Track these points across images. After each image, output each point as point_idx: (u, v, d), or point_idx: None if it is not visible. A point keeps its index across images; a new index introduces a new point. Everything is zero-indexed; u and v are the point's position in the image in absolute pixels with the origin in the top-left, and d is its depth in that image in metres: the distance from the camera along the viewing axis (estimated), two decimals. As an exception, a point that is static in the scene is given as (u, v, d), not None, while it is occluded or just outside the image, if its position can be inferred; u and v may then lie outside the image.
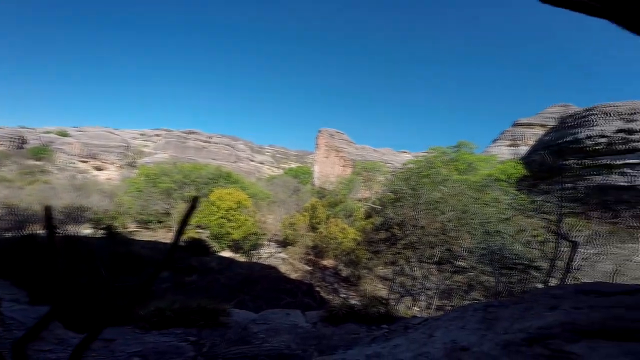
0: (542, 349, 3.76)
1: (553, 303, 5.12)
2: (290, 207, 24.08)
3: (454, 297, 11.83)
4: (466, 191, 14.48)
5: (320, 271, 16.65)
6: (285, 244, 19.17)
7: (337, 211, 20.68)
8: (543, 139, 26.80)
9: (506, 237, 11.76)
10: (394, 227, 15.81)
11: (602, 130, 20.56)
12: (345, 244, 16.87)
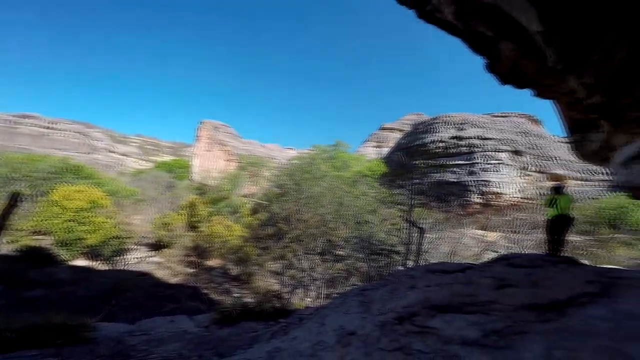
0: (410, 326, 4.18)
1: (412, 283, 6.07)
2: (163, 206, 21.72)
3: (338, 285, 12.86)
4: (341, 186, 15.99)
5: (206, 272, 15.68)
6: (158, 246, 17.20)
7: (221, 208, 19.77)
8: (400, 142, 31.99)
9: (373, 226, 13.58)
10: (280, 222, 16.17)
11: (441, 136, 25.90)
12: (232, 241, 16.31)
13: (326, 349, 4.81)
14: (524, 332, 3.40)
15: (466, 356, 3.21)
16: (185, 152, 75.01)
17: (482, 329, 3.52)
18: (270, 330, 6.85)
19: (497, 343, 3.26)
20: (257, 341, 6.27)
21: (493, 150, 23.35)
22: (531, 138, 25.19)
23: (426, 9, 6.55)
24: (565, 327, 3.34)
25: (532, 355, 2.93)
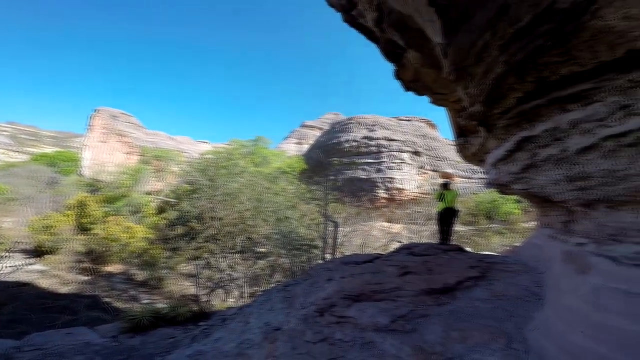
0: (330, 317, 4.39)
1: (329, 275, 6.38)
2: (44, 205, 18.21)
3: (261, 283, 12.64)
4: (260, 182, 15.75)
5: (106, 279, 13.78)
6: (40, 252, 14.38)
7: (119, 207, 17.42)
8: (319, 140, 33.09)
9: (293, 222, 13.75)
10: (192, 220, 15.08)
11: (354, 136, 27.63)
12: (134, 244, 14.55)
13: (253, 347, 4.75)
14: (425, 316, 3.83)
15: (380, 342, 3.50)
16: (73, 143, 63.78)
17: (390, 315, 3.90)
18: (190, 335, 6.53)
19: (405, 327, 3.65)
20: (176, 347, 5.94)
21: (397, 151, 25.96)
22: (428, 140, 28.76)
23: (351, 13, 6.93)
24: (457, 309, 3.88)
25: (434, 337, 3.33)
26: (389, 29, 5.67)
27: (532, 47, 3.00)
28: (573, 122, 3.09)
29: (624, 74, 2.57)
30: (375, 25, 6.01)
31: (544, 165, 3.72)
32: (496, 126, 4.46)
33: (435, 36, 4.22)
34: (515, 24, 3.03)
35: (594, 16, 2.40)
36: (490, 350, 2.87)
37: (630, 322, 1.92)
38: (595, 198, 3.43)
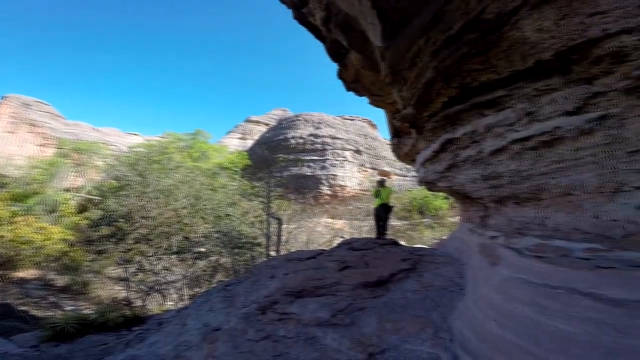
0: (273, 314, 4.38)
1: (272, 273, 6.30)
2: None
3: (203, 284, 12.01)
4: (199, 178, 14.93)
5: (18, 286, 12.10)
6: None
7: (30, 206, 15.15)
8: (264, 136, 32.50)
9: (235, 220, 13.29)
10: (119, 220, 13.72)
11: (301, 133, 27.67)
12: (50, 247, 12.82)
13: (192, 349, 4.57)
14: (363, 308, 3.97)
15: (322, 336, 3.58)
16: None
17: (331, 309, 4.02)
18: (124, 340, 6.13)
19: (344, 321, 3.76)
20: (109, 353, 5.55)
21: (341, 149, 26.67)
22: (369, 140, 30.00)
23: (302, 11, 6.93)
24: (390, 301, 4.09)
25: (370, 329, 3.47)
26: (334, 29, 5.81)
27: (459, 55, 3.25)
28: (488, 126, 3.43)
29: (532, 83, 2.90)
30: (323, 24, 6.14)
31: (463, 165, 4.09)
32: (425, 128, 4.78)
33: (376, 39, 4.38)
34: (447, 31, 3.26)
35: (513, 27, 2.66)
36: (420, 340, 3.06)
37: (531, 311, 2.17)
38: (505, 195, 3.86)
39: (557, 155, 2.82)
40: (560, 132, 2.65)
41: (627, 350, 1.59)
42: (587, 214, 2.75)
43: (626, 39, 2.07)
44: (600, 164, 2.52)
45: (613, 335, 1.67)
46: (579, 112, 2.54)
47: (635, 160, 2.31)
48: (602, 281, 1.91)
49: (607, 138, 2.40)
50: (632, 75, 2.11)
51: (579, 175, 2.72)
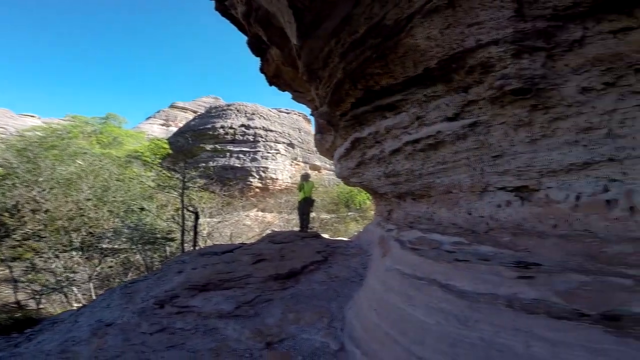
0: (171, 308, 4.28)
1: (181, 267, 6.04)
2: None
3: (113, 282, 10.81)
4: (108, 166, 13.33)
5: None
6: None
7: None
8: (190, 123, 30.41)
9: (149, 213, 12.19)
10: (2, 214, 11.56)
11: (232, 123, 26.54)
12: None
13: (80, 343, 4.42)
14: (270, 300, 4.11)
15: (223, 327, 3.63)
16: None
17: (236, 302, 4.09)
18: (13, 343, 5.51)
19: (248, 312, 3.85)
20: None
21: (273, 141, 26.34)
22: (303, 134, 30.20)
23: (224, 3, 6.62)
24: (298, 292, 4.25)
25: (273, 320, 3.59)
26: (255, 24, 5.73)
27: (363, 58, 3.38)
28: (388, 127, 3.66)
29: (422, 89, 3.13)
30: (244, 18, 6.03)
31: (370, 163, 4.33)
32: (339, 126, 4.95)
33: (292, 37, 4.38)
34: (354, 34, 3.36)
35: (408, 34, 2.80)
36: (316, 330, 3.21)
37: (401, 301, 2.36)
38: (404, 192, 4.20)
39: (441, 157, 3.13)
40: (442, 136, 2.94)
41: (466, 341, 1.79)
42: (462, 210, 3.11)
43: (493, 50, 2.25)
44: (471, 166, 2.86)
45: (456, 326, 1.88)
46: (457, 118, 2.83)
47: (497, 164, 2.66)
48: (457, 274, 2.15)
49: (476, 143, 2.72)
50: (494, 85, 2.35)
51: (457, 175, 3.07)
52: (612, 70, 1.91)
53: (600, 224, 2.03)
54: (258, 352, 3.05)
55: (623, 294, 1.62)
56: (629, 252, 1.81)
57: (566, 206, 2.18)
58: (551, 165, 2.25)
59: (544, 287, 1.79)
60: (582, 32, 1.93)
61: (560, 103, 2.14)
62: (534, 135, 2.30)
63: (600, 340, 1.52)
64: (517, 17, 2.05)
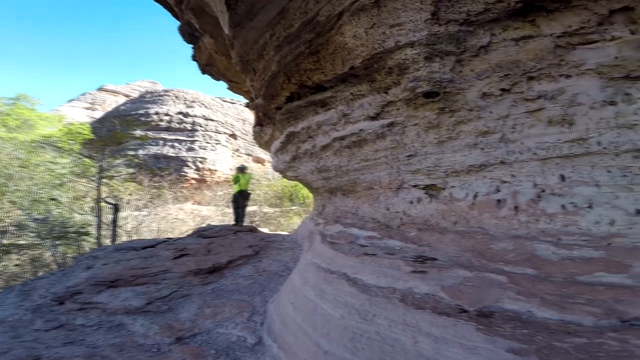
0: (72, 304, 3.96)
1: (91, 263, 5.51)
2: None
3: (21, 280, 9.29)
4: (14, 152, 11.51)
5: None
6: None
7: None
8: (119, 108, 27.57)
9: (62, 205, 10.81)
10: None
11: (168, 109, 24.68)
12: None
13: None
14: (187, 295, 3.97)
15: (130, 323, 3.46)
16: None
17: (148, 298, 3.90)
18: None
19: (160, 308, 3.69)
20: None
21: (214, 131, 25.12)
22: (247, 125, 29.30)
23: None
24: (220, 287, 4.14)
25: (188, 315, 3.48)
26: (187, 11, 5.44)
27: (297, 53, 3.34)
28: (319, 123, 3.69)
29: (349, 88, 3.18)
30: (176, 4, 5.71)
31: (303, 157, 4.35)
32: (276, 119, 4.88)
33: (225, 27, 4.21)
34: (289, 28, 3.29)
35: (338, 31, 2.81)
36: (233, 324, 3.17)
37: (314, 294, 2.40)
38: (334, 187, 4.29)
39: (364, 154, 3.25)
40: (364, 134, 3.04)
41: (364, 335, 1.85)
42: (381, 205, 3.28)
43: (409, 52, 2.33)
44: (389, 164, 3.01)
45: (357, 320, 1.94)
46: (377, 118, 2.94)
47: (410, 163, 2.84)
48: (364, 267, 2.24)
49: (393, 142, 2.87)
50: (408, 87, 2.46)
51: (378, 172, 3.22)
52: (508, 77, 2.09)
53: (491, 221, 2.27)
54: (167, 346, 2.93)
55: (497, 290, 1.75)
56: (510, 249, 2.03)
57: (465, 204, 2.40)
58: (455, 166, 2.46)
59: (433, 282, 1.90)
60: (489, 39, 2.07)
61: (463, 107, 2.33)
62: (441, 137, 2.48)
63: (473, 338, 1.60)
64: (433, 20, 2.13)
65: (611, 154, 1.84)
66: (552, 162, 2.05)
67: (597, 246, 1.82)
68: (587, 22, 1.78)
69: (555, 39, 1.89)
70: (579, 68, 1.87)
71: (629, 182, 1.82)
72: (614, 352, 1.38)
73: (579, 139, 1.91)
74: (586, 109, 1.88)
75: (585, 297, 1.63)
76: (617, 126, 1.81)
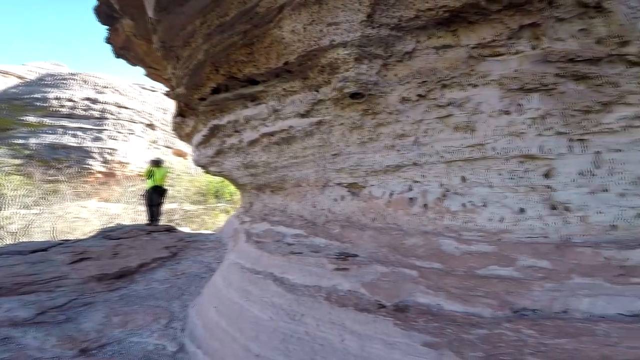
0: None
1: None
2: None
3: None
4: None
5: None
6: None
7: None
8: (8, 90, 22.86)
9: None
10: None
11: (72, 94, 21.26)
12: None
13: None
14: (90, 304, 3.43)
15: (19, 336, 2.94)
16: None
17: (39, 307, 3.34)
18: None
19: (56, 318, 3.19)
20: None
21: (128, 120, 22.48)
22: (168, 115, 26.93)
23: None
24: (130, 293, 3.70)
25: (92, 324, 3.03)
26: None
27: (229, 43, 3.15)
28: (247, 117, 3.55)
29: (282, 83, 3.12)
30: None
31: (229, 152, 4.14)
32: (198, 110, 4.57)
33: (149, 9, 3.79)
34: (223, 17, 3.06)
35: (277, 25, 2.70)
36: (149, 332, 2.87)
37: (239, 296, 2.30)
38: (262, 183, 4.19)
39: (293, 151, 3.23)
40: (294, 131, 3.03)
41: (295, 336, 1.83)
42: (309, 203, 3.30)
43: (341, 52, 2.36)
44: (316, 162, 3.05)
45: (286, 321, 1.90)
46: (307, 116, 2.95)
47: (335, 161, 2.91)
48: (290, 266, 2.22)
49: (321, 141, 2.91)
50: (336, 86, 2.52)
51: (306, 170, 3.23)
52: (426, 84, 2.27)
53: (404, 218, 2.45)
54: (70, 359, 2.51)
55: (410, 284, 1.86)
56: (420, 245, 2.21)
57: (382, 202, 2.55)
58: (374, 166, 2.60)
59: (354, 279, 1.96)
60: (414, 45, 2.21)
61: (384, 110, 2.47)
62: (364, 138, 2.60)
63: (392, 333, 1.65)
64: (368, 22, 2.19)
65: (502, 159, 2.14)
66: (455, 165, 2.30)
67: (490, 241, 2.08)
68: (499, 35, 2.02)
69: (469, 50, 2.10)
70: (484, 78, 2.12)
71: (515, 184, 2.14)
72: (512, 342, 1.52)
73: (478, 145, 2.17)
74: (486, 117, 2.15)
75: (483, 290, 1.80)
76: (509, 134, 2.10)
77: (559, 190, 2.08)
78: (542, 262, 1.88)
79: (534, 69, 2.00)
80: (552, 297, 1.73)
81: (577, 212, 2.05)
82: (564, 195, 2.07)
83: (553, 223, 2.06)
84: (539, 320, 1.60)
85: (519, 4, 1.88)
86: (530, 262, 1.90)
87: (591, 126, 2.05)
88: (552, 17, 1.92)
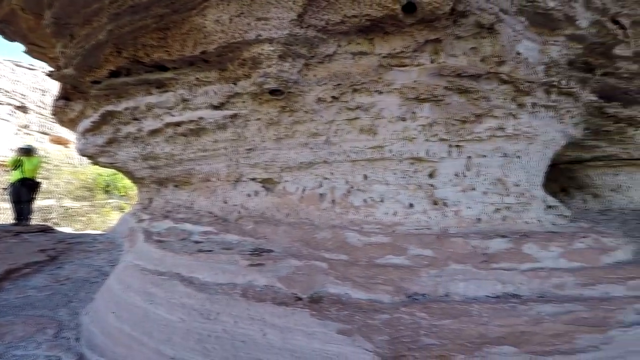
0: None
1: None
2: None
3: None
4: None
5: None
6: None
7: None
8: None
9: None
10: None
11: None
12: None
13: None
14: None
15: None
16: None
17: None
18: None
19: None
20: None
21: (-11, 98, 18.00)
22: (47, 97, 22.42)
23: None
24: (1, 302, 3.06)
25: None
26: None
27: (140, 25, 2.80)
28: (149, 105, 3.22)
29: (196, 72, 2.92)
30: None
31: (124, 142, 3.70)
32: (90, 94, 3.97)
33: None
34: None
35: (200, 13, 2.49)
36: (35, 344, 2.41)
37: (141, 300, 2.10)
38: (164, 177, 3.84)
39: (202, 144, 3.07)
40: (204, 123, 2.89)
41: (212, 335, 1.76)
42: (219, 199, 3.18)
43: (266, 48, 2.34)
44: (229, 156, 2.97)
45: (200, 321, 1.82)
46: (221, 108, 2.84)
47: (250, 156, 2.88)
48: (200, 265, 2.13)
49: (234, 135, 2.84)
50: (256, 81, 2.49)
51: (216, 164, 3.10)
52: (340, 87, 2.42)
53: (315, 213, 2.58)
54: None
55: (322, 276, 1.99)
56: (329, 238, 2.36)
57: (296, 197, 2.64)
58: (289, 162, 2.67)
59: (270, 274, 2.00)
60: (335, 49, 2.32)
61: (301, 108, 2.55)
62: (280, 134, 2.65)
63: (310, 323, 1.73)
64: (297, 21, 2.22)
65: (397, 160, 2.43)
66: (359, 164, 2.53)
67: (386, 233, 2.35)
68: (407, 47, 2.26)
69: (381, 59, 2.31)
70: (389, 86, 2.37)
71: (406, 182, 2.45)
72: (409, 325, 1.71)
73: (378, 146, 2.43)
74: (386, 122, 2.41)
75: (382, 278, 1.99)
76: (403, 138, 2.40)
77: (439, 188, 2.48)
78: (427, 250, 2.20)
79: (429, 81, 2.32)
80: (436, 282, 2.03)
81: (452, 207, 2.47)
82: (443, 193, 2.47)
83: (435, 216, 2.44)
84: (428, 304, 1.84)
85: (429, 20, 2.13)
86: (417, 251, 2.20)
87: (466, 134, 2.50)
88: (452, 35, 2.26)
